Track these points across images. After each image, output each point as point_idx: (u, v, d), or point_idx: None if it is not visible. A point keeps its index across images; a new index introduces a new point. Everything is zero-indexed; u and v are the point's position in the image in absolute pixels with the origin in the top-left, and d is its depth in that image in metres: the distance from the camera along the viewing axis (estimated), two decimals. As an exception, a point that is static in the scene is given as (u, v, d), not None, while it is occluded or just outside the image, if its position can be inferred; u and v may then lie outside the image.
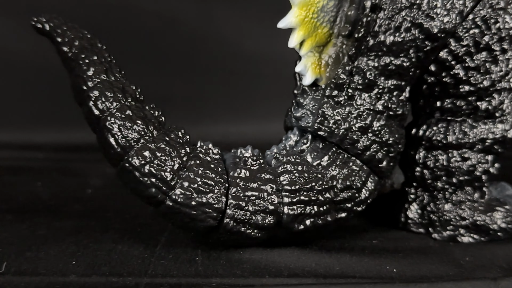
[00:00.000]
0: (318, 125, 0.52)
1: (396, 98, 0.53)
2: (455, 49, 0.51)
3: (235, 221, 0.47)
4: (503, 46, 0.52)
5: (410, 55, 0.51)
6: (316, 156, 0.52)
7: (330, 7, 0.52)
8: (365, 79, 0.52)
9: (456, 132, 0.54)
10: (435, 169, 0.55)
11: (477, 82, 0.52)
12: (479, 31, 0.51)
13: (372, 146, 0.52)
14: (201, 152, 0.49)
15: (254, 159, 0.50)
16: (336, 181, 0.51)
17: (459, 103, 0.53)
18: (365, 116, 0.52)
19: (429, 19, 0.50)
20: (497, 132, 0.54)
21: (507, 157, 0.93)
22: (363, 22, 0.50)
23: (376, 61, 0.51)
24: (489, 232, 0.54)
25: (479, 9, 0.51)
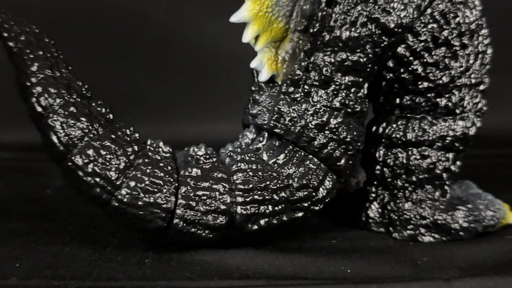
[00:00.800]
0: (274, 122, 0.50)
1: (354, 94, 0.51)
2: (413, 44, 0.50)
3: (185, 221, 0.46)
4: (463, 41, 0.51)
5: (367, 50, 0.50)
6: (272, 154, 0.51)
7: (286, 1, 0.50)
8: (321, 75, 0.50)
9: (415, 130, 0.53)
10: (395, 167, 0.54)
11: (436, 78, 0.51)
12: (438, 26, 0.50)
13: (329, 144, 0.51)
14: (150, 150, 0.47)
15: (206, 157, 0.49)
16: (292, 180, 0.50)
17: (418, 99, 0.52)
18: (322, 113, 0.50)
19: (385, 14, 0.49)
20: (457, 129, 0.53)
21: (479, 155, 0.93)
22: (318, 16, 0.49)
23: (332, 56, 0.50)
24: (450, 232, 0.53)
25: (438, 3, 0.50)
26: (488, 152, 0.91)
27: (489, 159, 0.88)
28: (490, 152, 0.91)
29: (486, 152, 0.91)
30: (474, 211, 0.54)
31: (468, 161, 0.87)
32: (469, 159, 0.88)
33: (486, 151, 0.92)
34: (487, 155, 0.90)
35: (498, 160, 0.87)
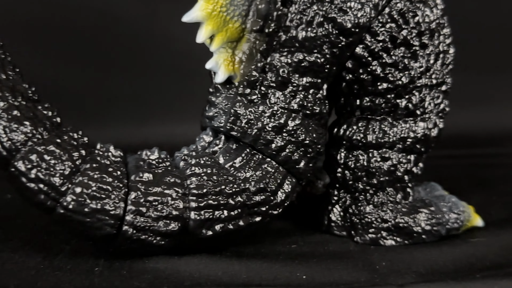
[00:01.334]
0: (231, 125, 0.49)
1: (312, 96, 0.50)
2: (371, 44, 0.49)
3: (135, 228, 0.44)
4: (423, 41, 0.50)
5: (324, 51, 0.49)
6: (229, 158, 0.49)
7: (241, 1, 0.49)
8: (278, 77, 0.49)
9: (375, 131, 0.52)
10: (356, 169, 0.53)
11: (395, 79, 0.50)
12: (396, 26, 0.49)
13: (287, 147, 0.50)
14: (99, 155, 0.46)
15: (159, 161, 0.48)
16: (249, 184, 0.48)
17: (378, 101, 0.51)
18: (279, 115, 0.49)
19: (342, 13, 0.48)
20: (418, 130, 0.52)
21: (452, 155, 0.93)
22: (274, 16, 0.48)
23: (289, 57, 0.49)
24: (412, 235, 0.52)
25: (396, 2, 0.49)
26: (461, 152, 0.90)
27: (462, 159, 0.88)
28: (463, 152, 0.90)
29: (459, 152, 0.91)
30: (437, 213, 0.53)
31: (440, 161, 0.88)
32: (442, 159, 0.89)
33: (459, 151, 0.91)
34: (460, 155, 0.89)
35: (471, 160, 0.87)
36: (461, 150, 0.90)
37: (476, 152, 0.90)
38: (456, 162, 0.86)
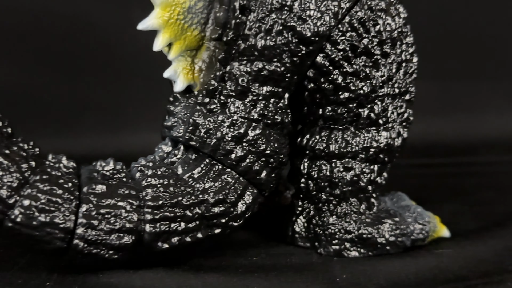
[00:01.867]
0: (189, 134, 0.48)
1: (273, 105, 0.49)
2: (331, 53, 0.48)
3: (86, 242, 0.43)
4: (385, 50, 0.50)
5: (284, 60, 0.48)
6: (188, 168, 0.48)
7: (199, 8, 0.48)
8: (237, 86, 0.48)
9: (338, 141, 0.51)
10: (319, 180, 0.52)
11: (357, 88, 0.49)
12: (357, 34, 0.48)
13: (248, 157, 0.49)
14: (50, 166, 0.44)
15: (114, 172, 0.46)
16: (208, 195, 0.47)
17: (340, 110, 0.50)
18: (239, 124, 0.48)
19: (301, 22, 0.47)
20: (381, 140, 0.51)
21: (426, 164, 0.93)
22: (232, 24, 0.47)
23: (248, 66, 0.48)
24: (376, 246, 0.51)
25: (357, 10, 0.48)
26: (435, 161, 0.90)
27: (436, 168, 0.87)
28: (437, 161, 0.90)
29: (433, 161, 0.91)
30: (401, 224, 0.53)
31: (414, 170, 0.88)
32: (415, 168, 0.89)
33: (433, 159, 0.91)
34: (434, 164, 0.89)
35: (445, 169, 0.87)
36: (435, 159, 0.90)
37: (450, 160, 0.90)
38: (429, 171, 0.86)
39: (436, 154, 0.92)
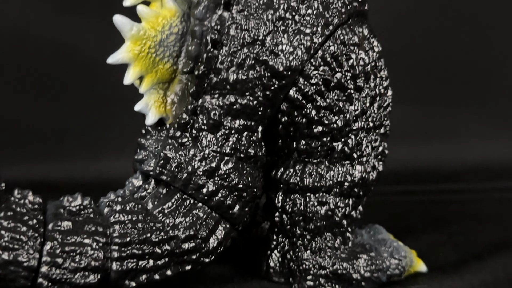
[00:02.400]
0: (160, 168, 0.47)
1: (246, 139, 0.49)
2: (304, 87, 0.48)
3: (50, 280, 0.42)
4: (358, 84, 0.50)
5: (257, 93, 0.47)
6: (158, 203, 0.47)
7: (171, 42, 0.48)
8: (209, 119, 0.48)
9: (312, 175, 0.50)
10: (293, 214, 0.51)
11: (330, 122, 0.49)
12: (330, 69, 0.48)
13: (220, 191, 0.48)
14: (15, 202, 0.43)
15: (81, 208, 0.45)
16: (178, 231, 0.46)
17: (314, 144, 0.50)
18: (211, 158, 0.48)
19: (273, 56, 0.47)
20: (356, 174, 0.51)
21: (407, 191, 0.92)
22: (204, 58, 0.47)
23: (220, 100, 0.47)
24: (351, 282, 0.50)
25: (329, 45, 0.48)
26: (417, 188, 0.89)
27: (418, 195, 0.87)
28: (419, 188, 0.89)
29: (415, 188, 0.90)
30: (377, 259, 0.52)
31: (395, 197, 0.87)
32: (397, 195, 0.88)
33: (415, 186, 0.90)
34: (416, 191, 0.88)
35: (427, 196, 0.86)
36: (417, 186, 0.90)
37: (432, 187, 0.90)
38: (411, 198, 0.85)
39: (418, 181, 0.91)
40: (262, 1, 0.47)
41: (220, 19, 0.46)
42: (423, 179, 0.93)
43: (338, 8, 0.48)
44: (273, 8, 0.47)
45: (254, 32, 0.47)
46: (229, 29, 0.47)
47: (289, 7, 0.47)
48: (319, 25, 0.48)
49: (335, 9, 0.48)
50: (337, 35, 0.48)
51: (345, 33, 0.49)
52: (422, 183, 0.91)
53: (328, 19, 0.48)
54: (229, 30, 0.47)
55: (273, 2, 0.47)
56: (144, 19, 0.46)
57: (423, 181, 0.92)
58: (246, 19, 0.47)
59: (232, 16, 0.47)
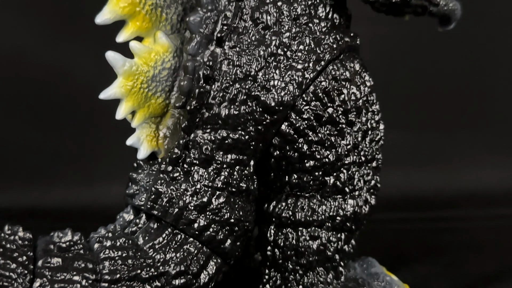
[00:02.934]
0: (151, 203, 0.47)
1: (238, 173, 0.49)
2: (296, 122, 0.48)
3: (38, 319, 0.42)
4: (350, 119, 0.50)
5: (249, 128, 0.48)
6: (149, 238, 0.47)
7: (164, 76, 0.48)
8: (201, 154, 0.47)
9: (304, 209, 0.50)
10: (285, 248, 0.50)
11: (322, 157, 0.49)
12: (321, 104, 0.48)
13: (211, 226, 0.48)
14: (5, 239, 0.43)
15: (71, 244, 0.45)
16: (169, 267, 0.46)
17: (306, 178, 0.50)
18: (202, 193, 0.47)
19: (265, 91, 0.47)
20: (348, 208, 0.51)
21: (403, 219, 0.92)
22: (196, 93, 0.47)
23: (212, 134, 0.47)
24: (344, 317, 0.51)
25: (321, 80, 0.48)
26: (412, 216, 0.89)
27: (413, 223, 0.86)
28: (415, 216, 0.89)
29: (410, 216, 0.89)
30: (369, 294, 0.52)
31: (391, 225, 0.87)
32: (392, 223, 0.88)
33: (411, 214, 0.90)
34: (411, 219, 0.88)
35: (422, 224, 0.86)
36: (413, 213, 0.89)
37: (428, 215, 0.89)
38: (406, 226, 0.84)
39: (412, 208, 0.91)
40: (254, 37, 0.47)
41: (213, 55, 0.47)
42: (418, 206, 0.93)
43: (330, 44, 0.49)
44: (265, 44, 0.47)
45: (246, 68, 0.47)
46: (221, 64, 0.47)
47: (281, 43, 0.47)
48: (311, 61, 0.48)
49: (326, 45, 0.49)
50: (328, 70, 0.49)
51: (336, 69, 0.49)
52: (417, 210, 0.91)
53: (320, 54, 0.48)
54: (221, 66, 0.47)
55: (265, 39, 0.47)
56: (137, 54, 0.46)
57: (417, 208, 0.92)
58: (238, 55, 0.47)
59: (224, 52, 0.47)
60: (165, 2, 0.47)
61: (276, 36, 0.47)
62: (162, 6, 0.47)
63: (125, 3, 0.45)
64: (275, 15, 0.47)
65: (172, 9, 0.48)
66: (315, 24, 0.49)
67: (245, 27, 0.47)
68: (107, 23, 0.45)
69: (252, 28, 0.47)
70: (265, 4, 0.47)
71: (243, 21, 0.47)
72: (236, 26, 0.47)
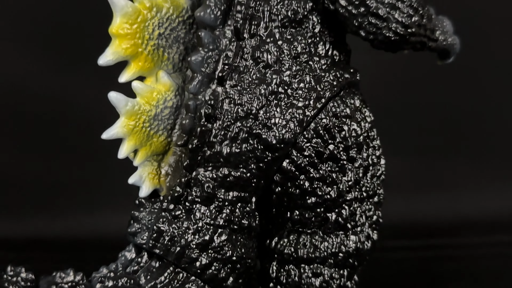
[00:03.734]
0: (153, 242, 0.47)
1: (240, 210, 0.49)
2: (297, 159, 0.48)
3: None
4: (351, 155, 0.50)
5: (250, 166, 0.48)
6: (151, 277, 0.47)
7: (166, 115, 0.48)
8: (203, 192, 0.48)
9: (306, 246, 0.50)
10: (288, 285, 0.50)
11: (324, 193, 0.49)
12: (322, 141, 0.49)
13: (213, 264, 0.47)
14: (8, 280, 0.43)
15: (73, 285, 0.45)
16: (171, 306, 0.46)
17: (308, 214, 0.50)
18: (204, 231, 0.47)
19: (266, 129, 0.47)
20: (350, 244, 0.51)
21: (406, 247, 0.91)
22: (198, 132, 0.47)
23: (214, 172, 0.48)
24: None
25: (321, 117, 0.49)
26: (414, 244, 0.88)
27: (415, 251, 0.86)
28: (417, 244, 0.88)
29: (412, 244, 0.89)
30: (373, 330, 0.51)
31: (393, 254, 0.86)
32: (395, 251, 0.87)
33: (413, 242, 0.89)
34: (414, 247, 0.87)
35: (425, 252, 0.85)
36: (415, 241, 0.89)
37: (430, 242, 0.89)
38: (408, 255, 0.84)
39: (414, 235, 0.90)
40: (255, 76, 0.48)
41: (214, 93, 0.47)
42: (420, 233, 0.92)
43: (330, 81, 0.49)
44: (265, 83, 0.48)
45: (247, 106, 0.47)
46: (222, 103, 0.47)
47: (282, 82, 0.48)
48: (311, 99, 0.48)
49: (327, 82, 0.49)
50: (329, 107, 0.49)
51: (337, 105, 0.49)
52: (419, 237, 0.90)
53: (320, 92, 0.49)
54: (223, 105, 0.47)
55: (266, 77, 0.48)
56: (139, 94, 0.47)
57: (419, 235, 0.91)
58: (240, 94, 0.47)
59: (225, 91, 0.47)
60: (167, 42, 0.48)
61: (276, 74, 0.48)
62: (164, 46, 0.48)
63: (127, 44, 0.45)
64: (275, 54, 0.48)
65: (174, 49, 0.49)
66: (315, 61, 0.49)
67: (246, 66, 0.48)
68: (109, 65, 0.46)
69: (253, 66, 0.48)
70: (266, 43, 0.48)
71: (244, 60, 0.48)
72: (237, 65, 0.48)
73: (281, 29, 0.48)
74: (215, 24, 0.47)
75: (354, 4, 0.48)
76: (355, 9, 0.48)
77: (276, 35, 0.48)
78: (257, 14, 0.48)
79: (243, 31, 0.48)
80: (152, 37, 0.47)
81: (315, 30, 0.49)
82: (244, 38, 0.48)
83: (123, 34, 0.45)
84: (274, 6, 0.48)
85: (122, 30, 0.45)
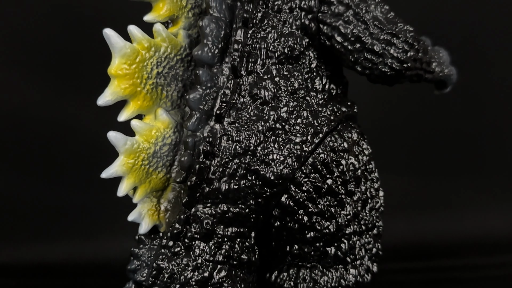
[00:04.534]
0: (153, 279, 0.47)
1: (239, 245, 0.49)
2: (296, 194, 0.48)
3: None
4: (349, 189, 0.50)
5: (249, 201, 0.48)
6: (151, 314, 0.48)
7: (165, 152, 0.49)
8: (202, 228, 0.48)
9: (306, 280, 0.50)
10: (288, 320, 0.51)
11: (323, 228, 0.49)
12: (320, 176, 0.49)
13: (213, 301, 0.48)
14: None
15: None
16: None
17: (307, 248, 0.50)
18: (203, 268, 0.48)
19: (264, 165, 0.48)
20: (350, 278, 0.51)
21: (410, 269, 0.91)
22: (196, 169, 0.48)
23: (213, 208, 0.48)
24: None
25: (319, 152, 0.49)
26: (416, 265, 0.88)
27: (417, 273, 0.85)
28: (419, 265, 0.88)
29: (414, 265, 0.88)
30: None
31: (395, 276, 0.86)
32: (397, 273, 0.87)
33: (415, 263, 0.89)
34: (416, 269, 0.87)
35: (426, 274, 0.85)
36: (417, 262, 0.88)
37: (432, 264, 0.88)
38: (411, 277, 0.83)
39: (416, 256, 0.90)
40: (252, 112, 0.48)
41: (212, 131, 0.48)
42: (422, 254, 0.92)
43: (327, 115, 0.50)
44: (263, 119, 0.48)
45: (245, 143, 0.48)
46: (220, 140, 0.48)
47: (279, 118, 0.48)
48: (309, 134, 0.49)
49: (324, 117, 0.49)
50: (326, 142, 0.49)
51: (334, 140, 0.50)
52: (421, 259, 0.90)
53: (318, 127, 0.49)
54: (221, 141, 0.48)
55: (263, 114, 0.48)
56: (138, 132, 0.47)
57: (421, 256, 0.91)
58: (237, 131, 0.48)
59: (223, 128, 0.48)
60: (166, 80, 0.49)
61: (274, 110, 0.48)
62: (162, 85, 0.48)
63: (126, 84, 0.46)
64: (272, 91, 0.49)
65: (173, 86, 0.49)
66: (312, 97, 0.50)
67: (244, 102, 0.48)
68: (108, 105, 0.46)
69: (250, 103, 0.48)
70: (263, 80, 0.49)
71: (242, 97, 0.48)
72: (235, 102, 0.48)
73: (278, 66, 0.49)
74: (213, 62, 0.48)
75: (350, 40, 0.49)
76: (351, 45, 0.49)
77: (273, 71, 0.49)
78: (254, 51, 0.48)
79: (240, 68, 0.48)
80: (151, 76, 0.47)
81: (312, 66, 0.50)
82: (241, 75, 0.48)
83: (122, 74, 0.46)
84: (271, 44, 0.48)
85: (121, 71, 0.45)
